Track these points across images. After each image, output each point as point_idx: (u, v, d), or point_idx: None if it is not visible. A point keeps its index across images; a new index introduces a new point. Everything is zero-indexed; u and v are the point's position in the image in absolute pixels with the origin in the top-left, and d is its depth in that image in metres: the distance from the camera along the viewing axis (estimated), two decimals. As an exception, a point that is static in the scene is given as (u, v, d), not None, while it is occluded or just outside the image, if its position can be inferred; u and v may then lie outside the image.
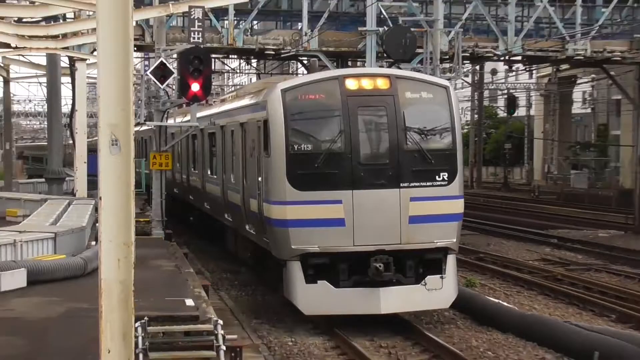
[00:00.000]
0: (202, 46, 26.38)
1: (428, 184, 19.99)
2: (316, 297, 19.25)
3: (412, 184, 19.77)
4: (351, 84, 20.27)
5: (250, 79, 57.25)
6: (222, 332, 11.71)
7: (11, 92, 46.24)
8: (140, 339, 10.68)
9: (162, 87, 26.57)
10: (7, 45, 26.75)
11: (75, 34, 25.63)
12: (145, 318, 11.12)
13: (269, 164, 20.63)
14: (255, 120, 22.80)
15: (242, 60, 53.07)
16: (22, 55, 31.68)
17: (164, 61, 25.24)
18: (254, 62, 50.33)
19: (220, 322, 12.20)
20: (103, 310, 7.23)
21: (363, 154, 19.97)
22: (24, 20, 25.07)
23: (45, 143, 39.38)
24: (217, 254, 30.70)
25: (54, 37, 26.20)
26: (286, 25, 39.05)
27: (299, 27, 35.86)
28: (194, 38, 26.29)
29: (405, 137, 19.97)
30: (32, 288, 14.65)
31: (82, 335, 9.00)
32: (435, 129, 20.75)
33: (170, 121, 32.77)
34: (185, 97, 24.81)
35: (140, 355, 10.61)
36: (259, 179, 22.09)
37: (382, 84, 20.47)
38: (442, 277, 19.79)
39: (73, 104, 31.79)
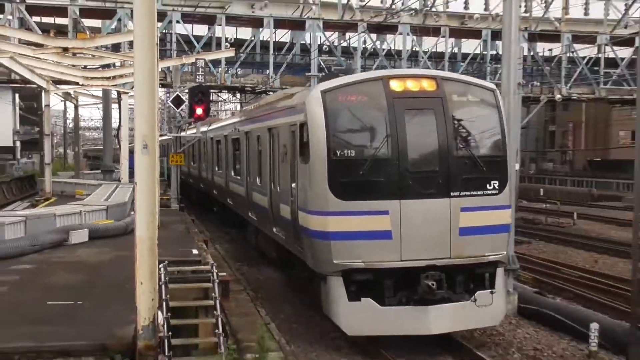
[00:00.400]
0: (203, 84, 26.29)
1: (479, 192, 13.32)
2: (360, 317, 12.54)
3: (462, 193, 13.09)
4: (396, 85, 13.36)
5: (236, 106, 56.62)
6: (216, 271, 11.63)
7: (79, 114, 45.73)
8: (162, 275, 10.60)
9: (177, 110, 26.36)
10: (77, 83, 26.39)
11: (121, 76, 25.35)
12: (166, 261, 11.03)
13: (307, 171, 13.29)
14: (287, 125, 15.13)
15: (230, 94, 52.69)
16: (87, 90, 31.18)
17: (179, 94, 25.10)
18: (237, 95, 50.13)
19: (215, 264, 12.12)
20: (137, 257, 7.17)
21: (411, 160, 12.96)
22: (88, 67, 24.74)
23: (102, 147, 38.96)
24: (214, 221, 30.31)
25: (108, 78, 25.98)
26: (259, 71, 38.94)
27: (267, 73, 35.73)
28: (198, 79, 26.19)
29: (455, 143, 13.25)
30: (92, 242, 14.49)
31: (124, 273, 8.93)
32: (485, 134, 13.92)
33: (190, 132, 32.29)
34: (192, 117, 24.59)
35: (163, 286, 10.53)
36: (293, 185, 14.46)
37: (429, 85, 13.59)
38: (492, 292, 13.14)
39: (119, 122, 31.55)
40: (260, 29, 35.57)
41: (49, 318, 8.23)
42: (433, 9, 40.18)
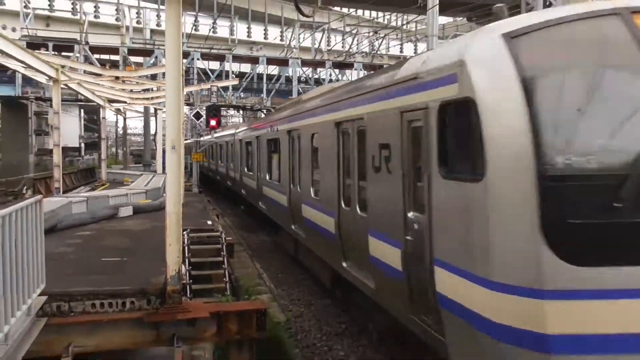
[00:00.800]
0: (216, 104, 26.16)
1: None
2: None
3: None
4: None
5: (239, 119, 55.96)
6: (224, 236, 11.55)
7: (127, 124, 45.26)
8: (186, 239, 10.49)
9: (197, 122, 26.13)
10: (125, 102, 26.06)
11: (157, 97, 25.00)
12: (188, 229, 10.94)
13: (472, 197, 4.01)
14: (394, 112, 5.70)
15: (235, 110, 52.34)
16: (132, 107, 30.73)
17: (199, 110, 24.89)
18: (240, 111, 49.80)
19: (223, 231, 12.05)
20: (167, 226, 7.04)
21: None
22: (134, 90, 24.39)
23: (143, 148, 38.54)
24: (224, 201, 30.01)
25: (147, 98, 25.68)
26: (256, 95, 38.54)
27: (262, 96, 35.50)
28: (212, 100, 26.02)
29: None
30: (135, 216, 14.22)
31: (159, 237, 8.76)
32: None
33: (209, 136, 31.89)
34: (208, 127, 24.39)
35: (186, 247, 10.43)
36: (411, 215, 5.44)
37: None
38: None
39: (155, 130, 31.23)
40: (257, 65, 35.34)
41: (103, 270, 8.08)
42: (378, 52, 40.22)
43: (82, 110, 51.62)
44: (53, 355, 6.20)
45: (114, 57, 32.68)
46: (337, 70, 37.23)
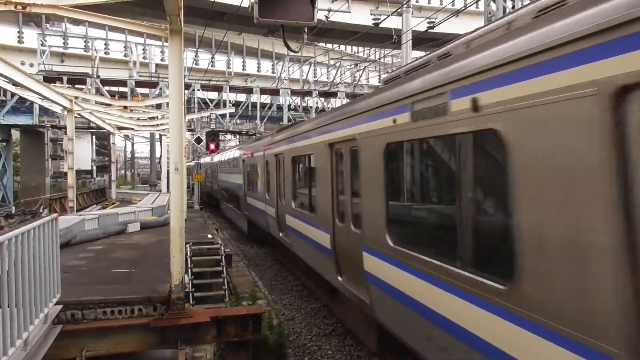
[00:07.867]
0: (215, 129, 26.13)
1: None
2: None
3: None
4: None
5: (236, 143, 55.88)
6: (223, 248, 11.50)
7: (135, 148, 44.99)
8: (188, 251, 10.43)
9: (198, 146, 26.07)
10: (133, 129, 25.94)
11: (161, 124, 24.98)
12: (190, 242, 10.87)
13: None
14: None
15: (232, 135, 52.34)
16: (139, 133, 30.64)
17: (199, 135, 24.90)
18: (237, 136, 49.78)
19: (222, 244, 11.99)
20: (171, 239, 7.01)
21: None
22: (140, 118, 24.36)
23: (149, 169, 38.37)
24: (221, 217, 29.86)
25: (153, 125, 25.61)
26: (250, 121, 38.64)
27: (256, 122, 35.56)
28: (211, 126, 25.98)
29: None
30: (143, 231, 14.16)
31: (163, 249, 8.71)
32: None
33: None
34: (208, 151, 24.33)
35: (189, 259, 10.36)
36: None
37: None
38: None
39: (160, 153, 31.08)
40: (251, 95, 35.46)
41: (113, 280, 8.01)
42: (359, 83, 40.60)
43: (93, 137, 51.27)
44: (68, 359, 6.12)
45: (122, 89, 32.67)
46: (322, 99, 37.50)
